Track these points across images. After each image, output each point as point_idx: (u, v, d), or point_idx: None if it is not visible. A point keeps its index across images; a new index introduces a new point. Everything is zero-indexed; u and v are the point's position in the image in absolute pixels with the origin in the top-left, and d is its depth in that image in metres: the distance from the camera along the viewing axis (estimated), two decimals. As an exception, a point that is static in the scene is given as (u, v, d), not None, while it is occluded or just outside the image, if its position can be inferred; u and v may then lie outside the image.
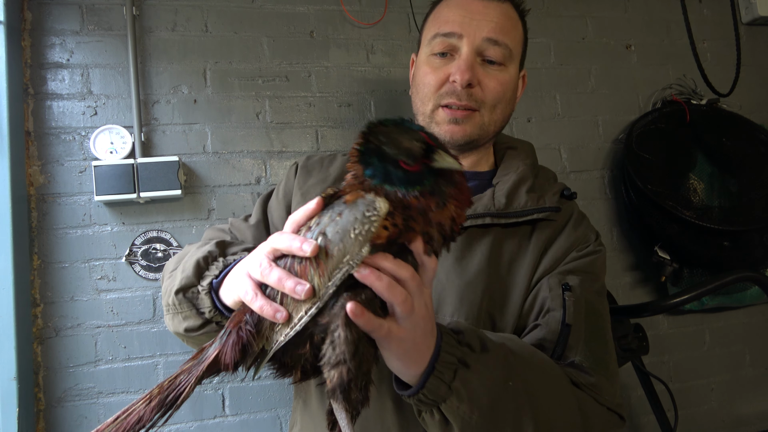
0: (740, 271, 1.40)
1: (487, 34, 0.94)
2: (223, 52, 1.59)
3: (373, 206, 0.61)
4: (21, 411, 1.32)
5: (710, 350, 1.87)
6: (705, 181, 1.78)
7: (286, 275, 0.63)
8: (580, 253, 0.94)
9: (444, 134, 0.96)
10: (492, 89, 0.96)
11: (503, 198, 0.95)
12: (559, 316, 0.85)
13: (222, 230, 1.07)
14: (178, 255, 0.96)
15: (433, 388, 0.68)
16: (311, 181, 1.05)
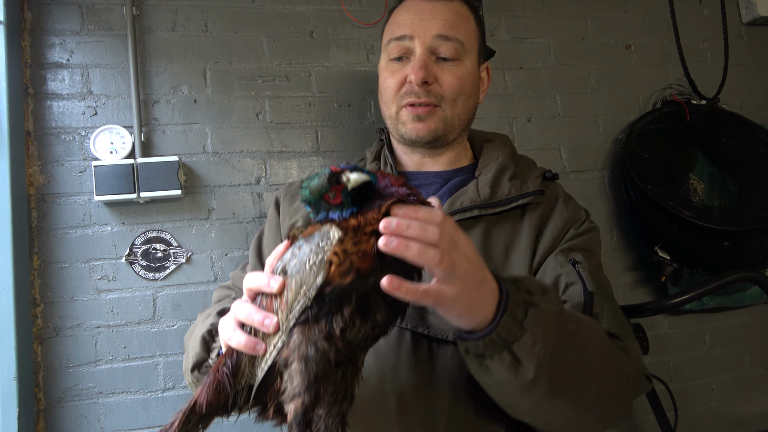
0: (740, 271, 1.40)
1: (437, 31, 0.98)
2: (223, 52, 1.59)
3: (326, 235, 0.63)
4: (21, 411, 1.32)
5: (710, 350, 1.87)
6: (705, 181, 1.78)
7: (255, 310, 0.67)
8: (577, 230, 0.97)
9: (410, 132, 1.01)
10: (449, 84, 0.99)
11: (487, 188, 0.98)
12: (579, 287, 0.87)
13: (227, 287, 1.13)
14: (191, 328, 1.01)
15: (507, 327, 0.67)
16: (297, 203, 1.08)
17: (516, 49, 1.82)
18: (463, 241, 0.65)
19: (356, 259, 0.61)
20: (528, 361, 0.69)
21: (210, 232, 1.53)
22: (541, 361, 0.70)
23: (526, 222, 0.97)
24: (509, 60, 1.81)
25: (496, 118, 1.78)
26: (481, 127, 1.76)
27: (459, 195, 0.98)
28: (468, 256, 0.65)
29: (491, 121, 1.77)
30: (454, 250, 0.63)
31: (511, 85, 1.81)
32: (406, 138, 1.02)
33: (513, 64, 1.82)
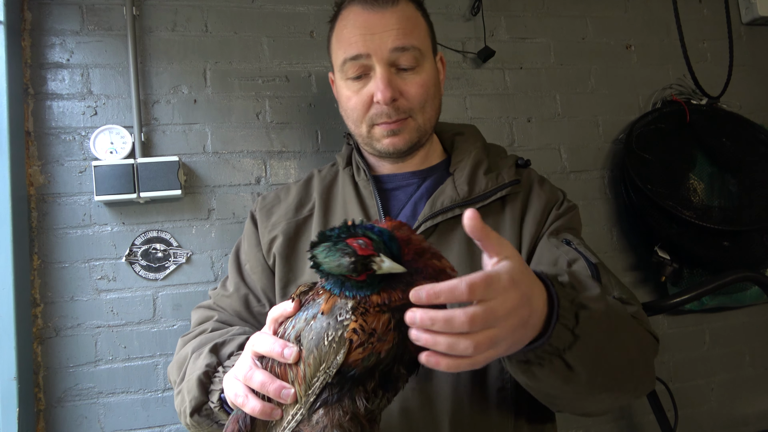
0: (740, 271, 1.40)
1: (393, 44, 0.94)
2: (223, 52, 1.59)
3: (345, 309, 0.61)
4: (21, 411, 1.32)
5: (710, 350, 1.87)
6: (705, 181, 1.78)
7: (269, 379, 0.65)
8: (559, 211, 0.99)
9: (387, 147, 0.99)
10: (415, 94, 0.97)
11: (465, 185, 0.99)
12: (583, 263, 0.88)
13: (208, 308, 1.09)
14: (177, 359, 0.97)
15: (559, 336, 0.65)
16: (274, 218, 1.07)
17: (516, 49, 1.82)
18: (502, 294, 0.57)
19: (376, 339, 0.59)
20: (580, 367, 0.68)
21: (210, 232, 1.53)
22: (592, 363, 0.70)
23: (507, 213, 0.99)
24: (509, 60, 1.81)
25: (496, 118, 1.78)
26: (481, 127, 1.75)
27: (438, 195, 0.98)
28: (509, 309, 0.58)
29: (491, 121, 1.77)
30: (491, 320, 0.56)
31: (511, 85, 1.81)
32: (382, 152, 1.01)
33: (513, 64, 1.82)
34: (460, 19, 1.79)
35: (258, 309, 1.04)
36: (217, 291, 1.12)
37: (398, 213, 1.02)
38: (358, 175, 1.07)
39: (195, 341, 0.95)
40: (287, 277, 1.02)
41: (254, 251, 1.07)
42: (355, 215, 1.01)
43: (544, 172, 1.79)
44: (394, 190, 1.05)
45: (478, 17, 1.78)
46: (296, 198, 1.09)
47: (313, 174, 1.15)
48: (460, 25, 1.78)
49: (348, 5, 0.99)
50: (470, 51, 1.77)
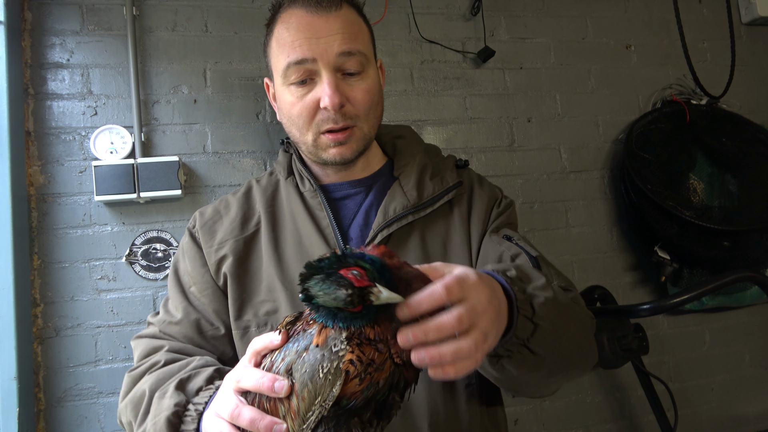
0: (740, 271, 1.40)
1: (339, 49, 0.91)
2: (223, 52, 1.59)
3: (339, 340, 0.59)
4: (21, 411, 1.32)
5: (710, 350, 1.87)
6: (705, 181, 1.78)
7: (258, 415, 0.62)
8: (499, 209, 1.03)
9: (333, 157, 0.96)
10: (361, 100, 0.95)
11: (414, 191, 0.99)
12: (525, 257, 0.91)
13: (154, 337, 0.99)
14: (131, 399, 0.88)
15: (522, 327, 0.70)
16: (219, 236, 1.01)
17: (516, 49, 1.82)
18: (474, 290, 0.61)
19: (374, 369, 0.58)
20: (543, 351, 0.73)
21: (210, 232, 1.53)
22: (552, 346, 0.74)
23: (455, 215, 1.01)
24: (509, 60, 1.81)
25: (496, 118, 1.78)
26: (481, 126, 1.77)
27: (388, 202, 0.98)
28: (484, 302, 0.62)
29: (491, 121, 1.78)
30: (475, 317, 0.60)
31: (511, 85, 1.81)
32: (329, 162, 0.98)
33: (513, 64, 1.82)
34: (460, 19, 1.79)
35: (212, 333, 0.98)
36: (159, 318, 1.01)
37: (351, 222, 1.00)
38: (302, 186, 1.03)
39: (151, 377, 0.88)
40: (241, 297, 0.97)
41: (200, 272, 1.00)
42: (305, 227, 0.98)
43: (544, 172, 1.80)
44: (342, 199, 1.02)
45: (478, 17, 1.78)
46: (239, 213, 1.03)
47: (251, 185, 1.09)
48: (460, 25, 1.78)
49: (288, 8, 0.95)
50: (470, 51, 1.77)
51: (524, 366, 0.74)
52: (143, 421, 0.84)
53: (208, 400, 0.78)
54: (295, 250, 0.97)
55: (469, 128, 1.76)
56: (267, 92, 1.08)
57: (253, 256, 0.99)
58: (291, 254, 0.97)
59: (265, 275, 0.97)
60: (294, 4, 0.95)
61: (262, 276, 0.97)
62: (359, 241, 0.97)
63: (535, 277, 0.80)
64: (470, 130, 1.76)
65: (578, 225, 1.81)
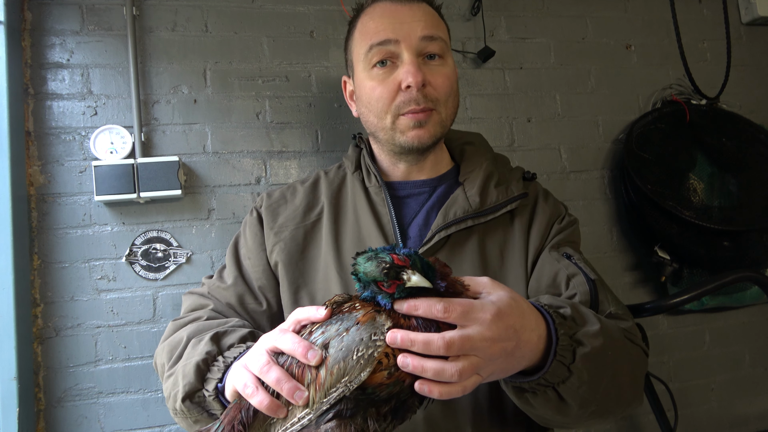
0: (740, 271, 1.40)
1: (422, 33, 0.95)
2: (223, 52, 1.59)
3: (381, 330, 0.62)
4: (21, 411, 1.32)
5: (710, 350, 1.87)
6: (705, 181, 1.78)
7: (285, 377, 0.64)
8: (561, 225, 1.02)
9: (411, 140, 0.97)
10: (441, 84, 0.97)
11: (477, 197, 0.99)
12: (582, 278, 0.90)
13: (202, 295, 1.05)
14: (169, 342, 0.94)
15: (555, 372, 0.70)
16: (281, 219, 1.05)
17: (516, 49, 1.82)
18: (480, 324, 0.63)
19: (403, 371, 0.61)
20: (572, 400, 0.73)
21: (210, 232, 1.53)
22: (584, 396, 0.73)
23: (516, 226, 1.01)
24: (509, 60, 1.81)
25: (496, 118, 1.78)
26: (481, 127, 1.77)
27: (450, 205, 0.99)
28: (488, 337, 0.63)
29: (491, 121, 1.77)
30: (468, 347, 0.61)
31: (511, 85, 1.81)
32: (405, 147, 0.98)
33: (513, 64, 1.82)
34: (460, 19, 1.79)
35: (253, 307, 1.03)
36: (213, 281, 1.08)
37: (411, 221, 1.01)
38: (368, 181, 1.06)
39: (191, 327, 0.93)
40: (297, 282, 1.00)
41: (257, 250, 1.05)
42: (366, 222, 1.00)
43: (544, 172, 1.79)
44: (405, 197, 1.04)
45: (478, 17, 1.78)
46: (304, 201, 1.07)
47: (319, 176, 1.12)
48: (460, 25, 1.78)
49: (372, 3, 1.01)
50: (470, 51, 1.77)
51: (548, 406, 0.75)
52: (175, 363, 0.88)
53: (238, 356, 0.81)
54: (354, 242, 1.00)
55: (469, 128, 1.75)
56: (344, 90, 1.10)
57: (312, 243, 1.03)
58: (349, 246, 1.00)
59: (322, 264, 1.00)
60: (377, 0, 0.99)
61: (320, 264, 1.00)
62: (417, 239, 0.99)
63: (589, 321, 0.78)
64: (470, 130, 1.75)
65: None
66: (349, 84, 1.09)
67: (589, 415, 0.78)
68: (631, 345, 0.85)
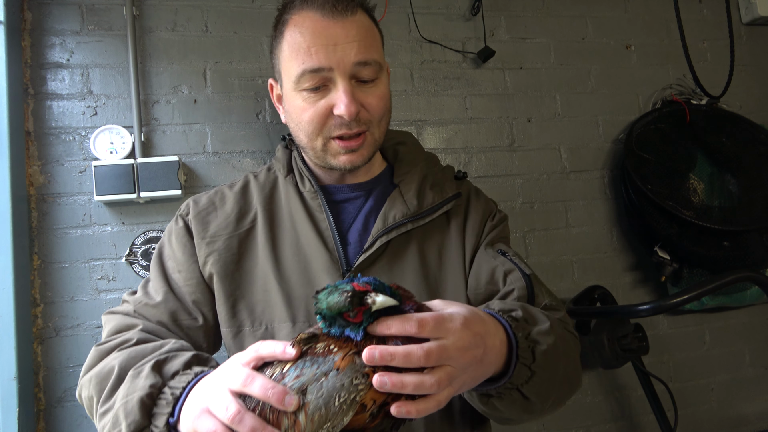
0: (740, 271, 1.40)
1: (356, 59, 0.90)
2: (223, 52, 1.59)
3: (362, 372, 0.61)
4: (21, 411, 1.32)
5: (710, 350, 1.87)
6: (705, 181, 1.78)
7: (260, 425, 0.61)
8: (493, 222, 1.04)
9: (343, 164, 0.95)
10: (376, 107, 0.94)
11: (414, 199, 0.99)
12: (518, 273, 0.93)
13: (127, 314, 0.96)
14: (97, 373, 0.84)
15: (519, 373, 0.73)
16: (212, 228, 0.99)
17: (516, 49, 1.82)
18: (452, 334, 0.64)
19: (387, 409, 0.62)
20: (535, 397, 0.76)
21: (210, 232, 1.53)
22: (546, 392, 0.77)
23: (452, 226, 1.02)
24: (509, 60, 1.81)
25: (496, 118, 1.78)
26: (481, 126, 1.77)
27: (388, 209, 0.98)
28: (460, 347, 0.65)
29: (491, 121, 1.77)
30: (445, 357, 0.63)
31: (511, 85, 1.81)
32: (337, 168, 0.96)
33: (513, 64, 1.82)
34: (460, 19, 1.79)
35: (188, 323, 0.96)
36: (137, 297, 0.98)
37: (350, 227, 0.99)
38: (302, 186, 1.01)
39: (121, 354, 0.85)
40: (234, 294, 0.96)
41: (188, 262, 0.98)
42: (304, 228, 0.97)
43: (544, 172, 1.80)
44: (342, 202, 1.02)
45: (478, 17, 1.78)
46: (235, 207, 1.01)
47: (248, 179, 1.07)
48: (460, 25, 1.78)
49: (300, 9, 0.94)
50: (470, 51, 1.77)
51: (514, 407, 0.77)
52: (109, 398, 0.81)
53: (186, 385, 0.75)
54: (292, 250, 0.96)
55: (469, 128, 1.76)
56: (270, 93, 1.06)
57: (247, 253, 0.98)
58: (288, 254, 0.96)
59: (260, 274, 0.96)
60: (307, 5, 0.93)
61: (257, 274, 0.96)
62: (357, 245, 0.96)
63: (540, 320, 0.81)
64: (470, 130, 1.76)
65: (578, 225, 1.81)
66: (275, 88, 1.03)
67: (549, 407, 0.82)
68: (569, 334, 0.89)
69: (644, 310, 1.47)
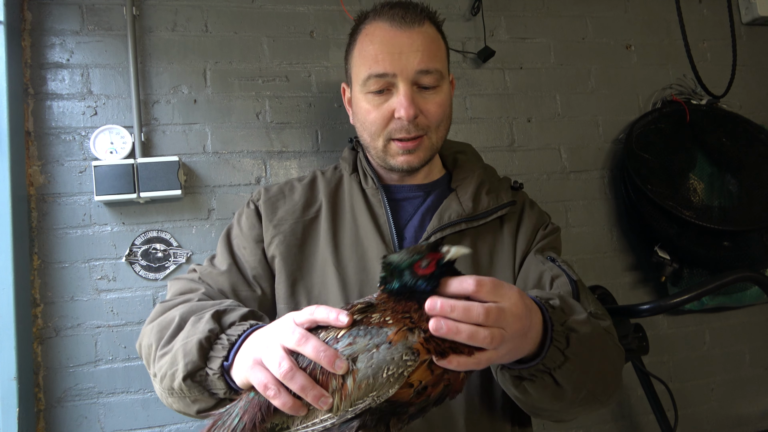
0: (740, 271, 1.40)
1: (418, 67, 0.97)
2: (223, 52, 1.59)
3: (412, 352, 0.63)
4: (21, 411, 1.32)
5: (710, 350, 1.87)
6: (705, 181, 1.78)
7: (310, 384, 0.64)
8: (545, 231, 1.09)
9: (401, 164, 1.03)
10: (434, 113, 1.01)
11: (470, 202, 1.05)
12: (565, 279, 0.95)
13: (192, 280, 1.03)
14: (158, 323, 0.91)
15: (552, 357, 0.74)
16: (280, 213, 1.07)
17: (516, 49, 1.82)
18: (508, 300, 0.67)
19: (431, 387, 0.64)
20: (567, 384, 0.77)
21: (210, 232, 1.53)
22: (577, 380, 0.78)
23: (505, 231, 1.07)
24: (509, 60, 1.81)
25: (496, 118, 1.78)
26: (481, 127, 1.77)
27: (444, 209, 1.04)
28: (515, 314, 0.67)
29: (491, 121, 1.77)
30: (502, 320, 0.65)
31: (511, 85, 1.81)
32: (395, 168, 1.04)
33: (513, 64, 1.82)
34: (460, 19, 1.79)
35: (246, 294, 1.02)
36: (203, 267, 1.06)
37: (407, 223, 1.06)
38: (365, 183, 1.10)
39: (183, 307, 0.91)
40: (294, 275, 1.02)
41: (254, 241, 1.06)
42: (364, 221, 1.04)
43: (545, 172, 1.80)
44: (401, 200, 1.09)
45: (478, 17, 1.78)
46: (303, 197, 1.10)
47: (316, 175, 1.15)
48: (460, 25, 1.78)
49: (373, 20, 1.01)
50: (470, 51, 1.77)
51: (545, 392, 0.79)
52: (169, 342, 0.86)
53: (242, 333, 0.80)
54: (351, 240, 1.03)
55: (469, 128, 1.76)
56: (343, 96, 1.15)
57: (310, 239, 1.06)
58: (347, 244, 1.03)
59: (320, 259, 1.03)
60: (379, 17, 1.00)
61: (317, 259, 1.03)
62: (413, 240, 1.03)
63: (577, 310, 0.83)
64: (470, 130, 1.76)
65: (578, 225, 1.81)
66: (347, 91, 1.12)
67: (581, 400, 0.82)
68: (611, 340, 0.90)
69: (644, 310, 1.47)
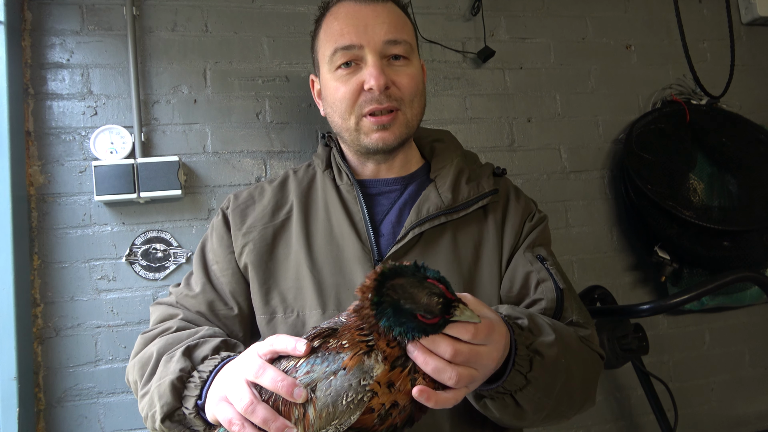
0: (740, 271, 1.40)
1: (385, 37, 0.95)
2: (223, 52, 1.59)
3: (370, 375, 0.62)
4: (21, 411, 1.32)
5: (710, 350, 1.87)
6: (705, 181, 1.78)
7: (272, 416, 0.64)
8: (532, 223, 1.03)
9: (375, 142, 0.97)
10: (406, 85, 0.97)
11: (449, 193, 0.99)
12: (551, 284, 0.92)
13: (170, 305, 1.02)
14: (139, 359, 0.91)
15: (513, 380, 0.74)
16: (249, 220, 1.03)
17: (516, 49, 1.82)
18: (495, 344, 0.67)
19: (397, 412, 0.63)
20: (527, 406, 0.77)
21: (210, 232, 1.53)
22: (539, 402, 0.78)
23: (490, 221, 1.01)
24: (509, 60, 1.81)
25: (496, 118, 1.78)
26: (481, 126, 1.77)
27: (422, 202, 0.99)
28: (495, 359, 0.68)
29: (491, 121, 1.77)
30: (474, 362, 0.65)
31: (511, 85, 1.81)
32: (370, 148, 0.98)
33: (513, 64, 1.82)
34: (460, 19, 1.79)
35: (224, 312, 1.00)
36: (180, 289, 1.04)
37: (383, 219, 1.01)
38: (339, 179, 1.04)
39: (160, 341, 0.90)
40: (267, 283, 0.99)
41: (225, 253, 1.02)
42: (338, 219, 0.99)
43: (544, 172, 1.79)
44: (377, 195, 1.04)
45: (478, 17, 1.78)
46: (272, 200, 1.05)
47: (288, 175, 1.11)
48: (460, 25, 1.78)
49: (336, 3, 1.00)
50: (470, 51, 1.77)
51: (506, 411, 0.79)
52: (148, 381, 0.86)
53: (213, 369, 0.80)
54: (325, 240, 0.99)
55: (469, 128, 1.76)
56: (312, 89, 1.11)
57: (281, 243, 1.01)
58: (321, 243, 0.98)
59: (293, 262, 0.99)
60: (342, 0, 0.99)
61: (290, 263, 0.99)
62: (390, 237, 0.98)
63: (545, 332, 0.81)
64: (470, 130, 1.76)
65: (578, 225, 1.81)
66: (316, 83, 1.09)
67: (543, 418, 0.82)
68: (587, 350, 0.89)
69: (644, 310, 1.47)
